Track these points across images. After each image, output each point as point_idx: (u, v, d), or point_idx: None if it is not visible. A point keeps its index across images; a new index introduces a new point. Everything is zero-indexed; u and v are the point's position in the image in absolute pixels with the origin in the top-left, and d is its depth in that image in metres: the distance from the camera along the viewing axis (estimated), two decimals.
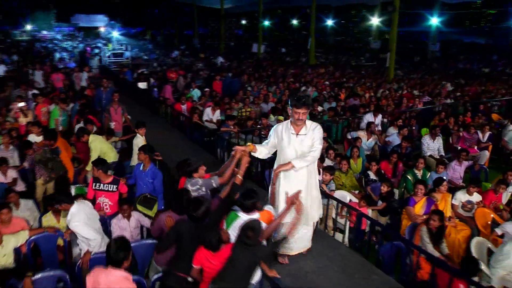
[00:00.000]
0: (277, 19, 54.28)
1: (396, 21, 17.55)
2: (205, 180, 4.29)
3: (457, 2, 34.62)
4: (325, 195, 5.32)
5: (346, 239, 5.52)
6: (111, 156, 6.40)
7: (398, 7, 17.06)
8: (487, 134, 9.79)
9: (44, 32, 46.28)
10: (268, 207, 3.79)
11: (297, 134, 4.11)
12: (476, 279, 4.65)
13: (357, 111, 11.26)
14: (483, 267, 4.69)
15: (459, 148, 9.26)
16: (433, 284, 4.16)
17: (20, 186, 6.17)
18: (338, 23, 41.44)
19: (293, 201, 3.58)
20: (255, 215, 3.53)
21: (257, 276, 3.38)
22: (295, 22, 45.30)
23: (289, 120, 4.20)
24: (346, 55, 33.41)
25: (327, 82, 16.06)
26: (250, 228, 3.14)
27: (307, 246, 4.46)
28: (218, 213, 3.61)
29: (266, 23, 46.44)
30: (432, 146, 8.87)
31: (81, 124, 7.46)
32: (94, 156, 5.97)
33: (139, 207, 5.43)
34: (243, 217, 3.56)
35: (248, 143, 4.29)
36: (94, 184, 5.29)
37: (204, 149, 8.69)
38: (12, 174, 6.16)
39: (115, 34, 32.55)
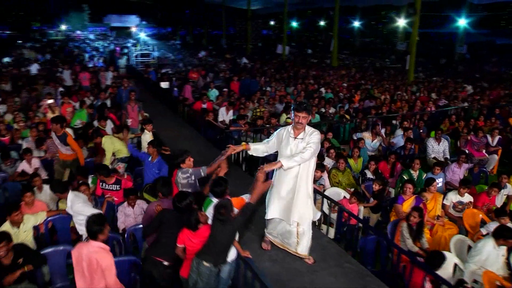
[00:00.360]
0: (306, 20, 54.31)
1: (417, 24, 17.53)
2: (194, 170, 4.79)
3: (489, 3, 33.74)
4: (315, 190, 5.68)
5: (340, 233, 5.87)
6: (124, 151, 7.01)
7: (419, 9, 17.03)
8: (497, 138, 9.80)
9: (78, 32, 48.29)
10: (245, 196, 4.21)
11: (295, 137, 4.34)
12: (451, 274, 4.97)
13: (370, 113, 11.49)
14: (456, 261, 4.97)
15: (466, 151, 9.42)
16: (404, 275, 4.47)
17: (43, 174, 6.85)
18: (365, 25, 41.11)
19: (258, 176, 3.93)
20: (230, 199, 3.96)
21: (233, 255, 3.83)
22: (322, 23, 45.27)
23: (292, 124, 4.42)
24: (372, 57, 33.21)
25: (344, 84, 16.26)
26: (221, 206, 3.60)
27: (305, 250, 4.56)
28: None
29: (294, 24, 46.75)
30: (437, 148, 9.05)
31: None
32: (108, 156, 6.70)
33: (146, 195, 6.02)
34: (215, 201, 4.01)
35: (242, 143, 4.50)
36: (101, 183, 5.97)
37: (215, 146, 9.18)
38: (35, 163, 6.86)
39: (142, 35, 33.58)
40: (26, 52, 23.83)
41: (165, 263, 3.82)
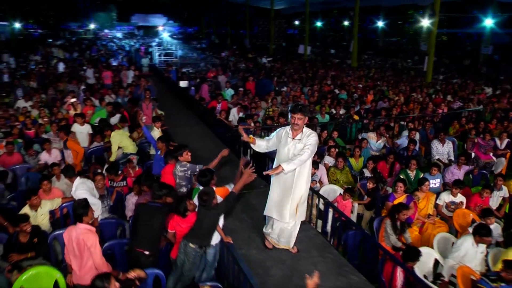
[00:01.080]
0: (332, 20, 54.02)
1: (435, 26, 17.44)
2: (192, 165, 5.23)
3: None
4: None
5: (329, 227, 6.20)
6: (130, 148, 7.60)
7: (437, 10, 16.96)
8: (506, 141, 9.79)
9: (106, 31, 49.80)
10: (229, 185, 4.61)
11: (293, 138, 4.55)
12: (431, 268, 5.24)
13: (380, 114, 11.67)
14: (437, 256, 5.22)
15: (472, 153, 9.51)
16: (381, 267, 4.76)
17: (62, 165, 7.47)
18: (390, 24, 40.63)
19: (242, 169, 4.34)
20: (214, 188, 4.36)
21: (216, 239, 4.25)
22: (346, 23, 45.05)
23: (290, 125, 4.62)
24: (396, 57, 32.89)
25: (360, 85, 16.41)
26: (204, 194, 4.03)
27: (291, 242, 4.88)
28: None
29: (318, 24, 46.66)
30: (441, 150, 9.18)
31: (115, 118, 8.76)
32: (113, 148, 7.33)
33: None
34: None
35: (250, 136, 4.65)
36: (110, 181, 6.52)
37: (224, 143, 9.63)
38: (55, 153, 7.49)
39: (165, 35, 34.45)
40: (54, 51, 25.00)
41: (146, 252, 4.22)
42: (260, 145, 4.77)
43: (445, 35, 44.29)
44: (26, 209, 5.41)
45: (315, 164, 6.89)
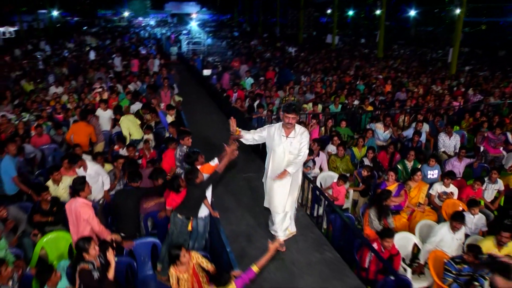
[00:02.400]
0: (367, 8, 52.86)
1: (462, 16, 17.11)
2: (188, 148, 5.82)
3: None
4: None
5: (321, 211, 6.64)
6: (136, 135, 8.25)
7: (464, 2, 16.64)
8: None
9: (140, 19, 51.02)
10: (214, 161, 5.08)
11: (287, 137, 4.73)
12: (410, 252, 5.60)
13: (394, 106, 11.84)
14: (416, 241, 5.57)
15: (481, 147, 9.60)
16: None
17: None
18: (425, 13, 39.50)
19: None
20: (198, 167, 4.90)
21: (205, 212, 4.82)
22: (378, 12, 44.07)
23: (281, 123, 4.81)
24: (427, 47, 32.09)
25: (380, 76, 16.44)
26: (189, 172, 4.65)
27: (293, 229, 5.24)
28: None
29: (350, 12, 45.85)
30: (448, 143, 9.31)
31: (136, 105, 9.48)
32: (124, 133, 8.11)
33: None
34: None
35: (236, 128, 4.80)
36: None
37: None
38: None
39: (194, 24, 35.06)
40: (87, 39, 26.21)
41: (122, 234, 4.79)
42: (247, 138, 4.90)
43: (485, 24, 42.54)
44: (49, 183, 6.17)
45: (310, 152, 7.32)
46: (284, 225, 5.12)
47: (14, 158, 6.27)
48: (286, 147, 4.74)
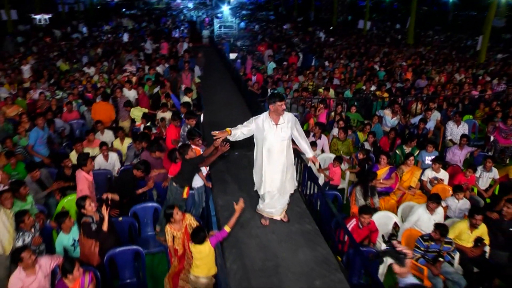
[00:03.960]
0: None
1: (495, 2, 16.61)
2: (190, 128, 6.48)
3: None
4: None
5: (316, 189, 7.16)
6: (138, 119, 9.01)
7: None
8: None
9: (178, 1, 51.75)
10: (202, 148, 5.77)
11: (276, 124, 4.90)
12: (390, 229, 6.03)
13: (410, 93, 12.00)
14: (396, 220, 5.99)
15: (492, 137, 9.69)
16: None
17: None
18: None
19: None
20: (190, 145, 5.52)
21: (199, 183, 5.47)
22: None
23: (266, 112, 4.97)
24: (465, 34, 30.94)
25: (404, 63, 16.39)
26: (181, 147, 5.33)
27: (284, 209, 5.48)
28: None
29: None
30: (456, 131, 9.45)
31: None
32: (137, 120, 8.88)
33: None
34: None
35: (226, 128, 4.86)
36: None
37: (249, 108, 10.74)
38: None
39: (225, 8, 35.32)
40: (124, 21, 27.30)
41: (124, 201, 5.64)
42: (235, 134, 4.91)
43: None
44: (73, 153, 7.04)
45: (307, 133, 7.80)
46: (285, 205, 5.44)
47: (41, 130, 7.17)
48: (278, 133, 4.91)
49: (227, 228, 4.19)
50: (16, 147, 7.24)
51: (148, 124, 8.45)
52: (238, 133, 4.92)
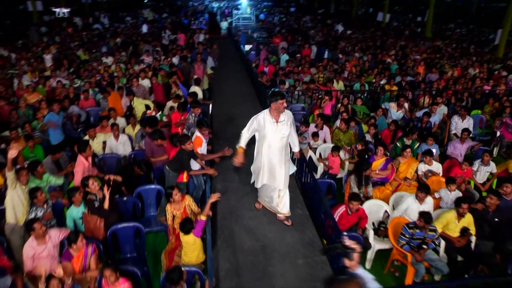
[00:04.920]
0: None
1: None
2: (196, 115, 6.85)
3: None
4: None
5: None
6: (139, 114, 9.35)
7: None
8: None
9: None
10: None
11: (277, 122, 5.08)
12: (381, 217, 6.27)
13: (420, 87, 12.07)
14: (387, 208, 6.23)
15: (498, 132, 9.73)
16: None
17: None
18: None
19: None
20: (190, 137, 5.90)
21: (196, 166, 5.86)
22: None
23: (267, 110, 5.12)
24: (487, 27, 30.19)
25: (418, 56, 16.33)
26: (181, 136, 5.70)
27: (276, 205, 5.58)
28: None
29: None
30: (460, 125, 9.52)
31: None
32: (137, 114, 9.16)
33: None
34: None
35: (238, 148, 5.21)
36: None
37: (258, 99, 11.05)
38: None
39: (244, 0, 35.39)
40: (145, 12, 27.83)
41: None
42: (245, 142, 5.23)
43: None
44: (86, 137, 7.54)
45: (305, 123, 8.07)
46: (288, 200, 5.57)
47: (56, 114, 7.69)
48: (279, 130, 5.08)
49: (202, 217, 4.63)
50: (35, 132, 7.79)
51: (160, 113, 8.87)
52: (245, 139, 5.21)
